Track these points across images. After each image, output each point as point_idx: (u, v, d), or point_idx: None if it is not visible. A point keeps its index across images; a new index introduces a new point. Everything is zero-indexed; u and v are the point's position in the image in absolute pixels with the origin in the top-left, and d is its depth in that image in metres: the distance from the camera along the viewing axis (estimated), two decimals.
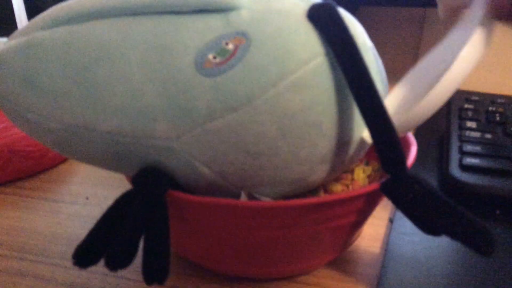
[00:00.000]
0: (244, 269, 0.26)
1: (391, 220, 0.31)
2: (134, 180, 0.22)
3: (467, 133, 0.37)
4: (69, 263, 0.28)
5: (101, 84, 0.20)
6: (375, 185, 0.22)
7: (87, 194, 0.36)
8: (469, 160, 0.33)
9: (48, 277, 0.27)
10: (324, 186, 0.27)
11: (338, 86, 0.22)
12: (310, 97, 0.21)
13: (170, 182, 0.22)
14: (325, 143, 0.22)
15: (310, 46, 0.21)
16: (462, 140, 0.36)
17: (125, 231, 0.20)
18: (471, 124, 0.38)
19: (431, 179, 0.36)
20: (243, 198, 0.24)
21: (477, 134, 0.37)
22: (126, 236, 0.19)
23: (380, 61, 0.25)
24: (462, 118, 0.40)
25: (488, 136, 0.37)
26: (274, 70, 0.20)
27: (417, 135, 0.43)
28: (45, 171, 0.40)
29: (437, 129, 0.43)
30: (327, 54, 0.21)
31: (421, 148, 0.40)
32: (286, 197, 0.24)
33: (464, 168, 0.33)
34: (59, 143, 0.22)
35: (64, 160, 0.42)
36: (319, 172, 0.23)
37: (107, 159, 0.22)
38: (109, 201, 0.36)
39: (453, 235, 0.20)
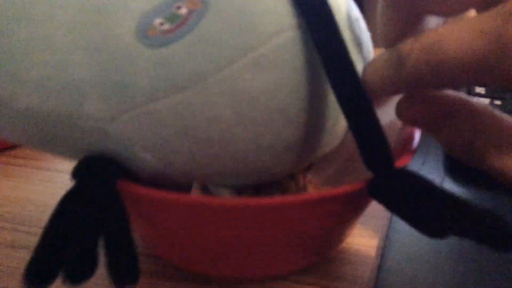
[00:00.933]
0: (212, 269, 0.22)
1: None
2: (74, 173, 0.18)
3: (476, 99, 0.35)
4: None
5: (19, 50, 0.16)
6: (355, 185, 0.19)
7: None
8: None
9: None
10: (294, 177, 0.24)
11: (310, 65, 0.18)
12: (274, 78, 0.18)
13: (118, 169, 0.19)
14: (292, 131, 0.19)
15: (278, 17, 0.18)
16: None
17: (79, 236, 0.16)
18: (480, 90, 0.37)
19: (438, 146, 0.34)
20: (195, 189, 0.21)
21: None
22: (83, 241, 0.16)
23: (367, 35, 0.22)
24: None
25: None
26: (231, 44, 0.17)
27: None
28: None
29: None
30: (299, 27, 0.18)
31: None
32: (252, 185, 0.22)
33: None
34: None
35: None
36: (285, 162, 0.20)
37: (35, 140, 0.19)
38: None
39: (462, 233, 0.17)
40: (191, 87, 0.17)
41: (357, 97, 0.18)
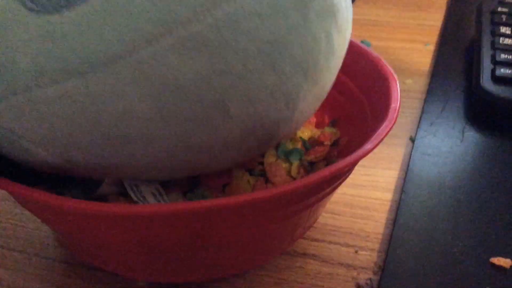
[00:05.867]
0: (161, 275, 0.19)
1: (412, 139, 0.28)
2: None
3: (501, 40, 0.33)
4: None
5: None
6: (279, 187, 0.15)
7: None
8: (503, 71, 0.30)
9: None
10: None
11: (259, 45, 0.14)
12: (210, 63, 0.14)
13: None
14: (231, 127, 0.16)
15: None
16: (495, 48, 0.32)
17: None
18: (505, 29, 0.34)
19: (458, 92, 0.32)
20: (106, 185, 0.17)
21: None
22: None
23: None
24: (495, 23, 0.35)
25: None
26: (152, 16, 0.13)
27: (441, 41, 0.38)
28: None
29: (464, 35, 0.39)
30: None
31: (446, 57, 0.36)
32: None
33: (497, 79, 0.29)
34: None
35: None
36: (222, 160, 0.17)
37: None
38: None
39: None
40: (90, 72, 0.13)
41: None
